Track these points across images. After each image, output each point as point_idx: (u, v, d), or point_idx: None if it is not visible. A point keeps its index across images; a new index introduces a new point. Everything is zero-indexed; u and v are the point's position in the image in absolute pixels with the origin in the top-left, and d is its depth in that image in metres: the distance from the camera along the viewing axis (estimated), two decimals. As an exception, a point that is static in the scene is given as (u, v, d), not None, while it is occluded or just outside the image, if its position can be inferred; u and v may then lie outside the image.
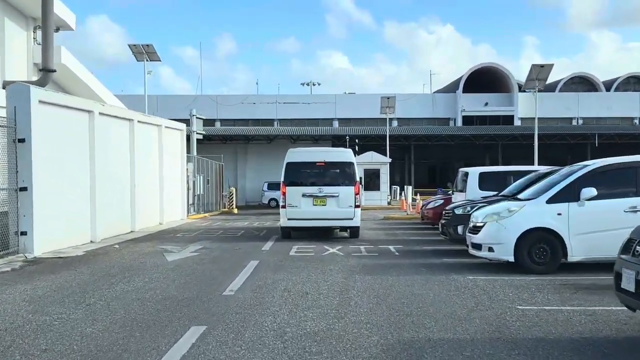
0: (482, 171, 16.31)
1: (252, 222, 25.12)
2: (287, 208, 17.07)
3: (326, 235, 18.83)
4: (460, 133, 47.18)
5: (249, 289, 9.62)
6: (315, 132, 46.62)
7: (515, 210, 11.01)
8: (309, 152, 18.77)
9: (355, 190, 16.92)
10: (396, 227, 22.28)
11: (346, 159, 17.41)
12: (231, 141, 47.70)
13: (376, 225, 23.33)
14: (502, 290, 9.40)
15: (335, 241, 17.20)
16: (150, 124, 22.54)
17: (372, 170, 35.09)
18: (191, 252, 14.86)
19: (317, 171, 17.42)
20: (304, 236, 18.35)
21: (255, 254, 14.30)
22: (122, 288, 9.80)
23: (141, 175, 21.20)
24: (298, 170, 17.30)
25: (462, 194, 16.74)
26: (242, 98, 60.41)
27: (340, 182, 17.09)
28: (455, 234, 13.61)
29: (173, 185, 25.46)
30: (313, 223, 17.23)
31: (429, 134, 47.04)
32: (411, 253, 14.36)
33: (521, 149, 51.53)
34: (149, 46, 36.49)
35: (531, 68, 27.31)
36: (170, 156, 24.80)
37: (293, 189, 17.04)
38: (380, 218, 27.54)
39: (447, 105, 61.45)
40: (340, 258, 13.50)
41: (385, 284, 9.97)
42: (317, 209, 16.91)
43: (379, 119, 55.58)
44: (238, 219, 27.81)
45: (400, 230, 20.91)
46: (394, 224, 24.27)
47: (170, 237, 18.71)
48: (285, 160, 17.42)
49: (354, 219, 17.00)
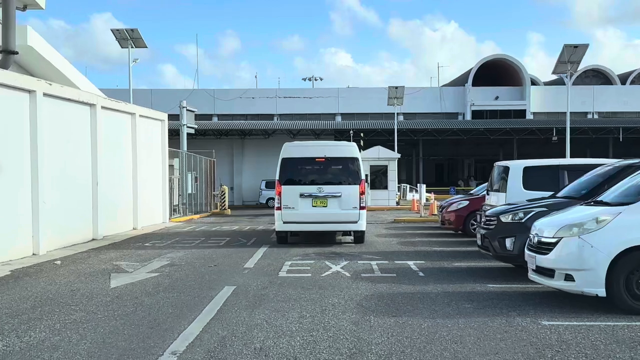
0: (527, 165, 12.59)
1: (242, 226, 21.48)
2: (283, 210, 14.99)
3: (327, 240, 16.37)
4: (473, 127, 43.48)
5: (205, 349, 5.98)
6: (316, 126, 42.96)
7: (607, 220, 7.34)
8: (308, 146, 16.39)
9: (360, 190, 14.92)
10: (411, 233, 18.60)
11: (350, 153, 15.30)
12: (226, 136, 44.05)
13: (387, 231, 19.65)
14: (609, 351, 5.75)
15: (339, 253, 13.57)
16: (119, 111, 18.87)
17: (379, 167, 31.37)
18: (150, 271, 11.20)
19: (317, 168, 15.35)
20: (301, 241, 16.26)
21: (234, 275, 10.65)
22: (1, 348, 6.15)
23: (107, 172, 17.57)
24: (295, 167, 15.25)
25: (498, 194, 13.04)
26: (241, 92, 56.82)
27: (343, 180, 15.12)
28: (502, 249, 9.92)
29: (151, 184, 21.82)
30: (312, 227, 15.17)
31: (439, 127, 43.30)
32: (440, 273, 10.70)
33: (537, 145, 47.92)
34: (134, 31, 32.79)
35: (563, 49, 23.59)
36: (147, 150, 21.16)
37: (289, 189, 14.96)
38: (390, 221, 23.87)
39: (456, 99, 57.76)
40: (346, 282, 9.84)
41: (419, 337, 6.31)
42: (317, 211, 14.93)
43: (384, 114, 51.90)
44: (228, 222, 24.17)
45: (417, 238, 17.23)
46: (408, 228, 20.59)
47: (137, 247, 15.07)
48: (281, 156, 15.26)
49: (359, 222, 14.97)
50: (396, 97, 34.30)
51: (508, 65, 58.52)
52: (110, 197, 17.72)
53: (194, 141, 39.38)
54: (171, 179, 24.29)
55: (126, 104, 19.87)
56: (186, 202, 28.36)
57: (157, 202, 22.52)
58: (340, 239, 16.76)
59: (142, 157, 20.42)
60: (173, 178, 25.28)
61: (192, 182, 29.01)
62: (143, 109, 21.06)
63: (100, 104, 17.27)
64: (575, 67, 23.88)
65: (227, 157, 43.90)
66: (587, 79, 63.11)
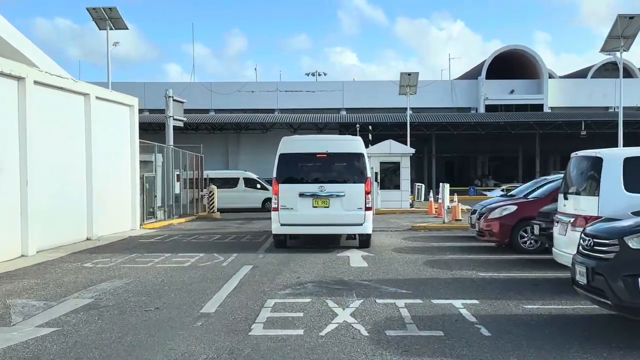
0: (630, 156, 8.26)
1: (226, 235, 17.21)
2: (281, 211, 13.59)
3: (330, 244, 13.87)
4: (493, 120, 39.15)
5: None
6: (319, 120, 38.73)
7: None
8: (309, 140, 15.25)
9: (365, 189, 13.64)
10: (439, 247, 14.29)
11: (355, 149, 14.06)
12: (220, 131, 39.83)
13: (407, 242, 15.34)
14: None
15: (347, 283, 9.26)
16: (65, 90, 14.58)
17: (390, 164, 26.98)
18: (46, 322, 6.94)
19: (319, 165, 14.12)
20: (299, 245, 14.42)
21: (175, 333, 6.38)
22: None
23: (46, 167, 13.31)
24: (294, 164, 14.02)
25: (583, 198, 8.67)
26: (239, 86, 52.59)
27: (347, 178, 13.85)
28: (634, 296, 5.60)
29: (116, 183, 17.55)
30: (313, 230, 13.79)
31: (455, 121, 38.96)
32: (515, 329, 6.42)
33: (559, 140, 43.58)
34: (112, 10, 28.53)
35: (616, 21, 19.18)
36: (108, 141, 16.88)
37: (288, 187, 13.61)
38: (406, 227, 19.53)
39: (468, 93, 53.44)
40: (364, 355, 5.53)
41: None
42: (318, 212, 13.58)
43: (392, 109, 47.60)
44: (212, 228, 19.88)
45: (449, 254, 12.91)
46: (432, 239, 16.26)
47: (64, 272, 10.80)
48: (279, 151, 13.93)
49: (364, 224, 13.64)
50: (409, 86, 29.85)
51: (524, 57, 54.18)
52: (49, 199, 13.46)
53: (185, 136, 35.16)
54: (144, 176, 19.98)
55: (76, 81, 15.53)
56: (173, 203, 24.17)
57: (124, 204, 18.25)
58: (345, 243, 14.50)
59: (100, 149, 16.15)
60: (150, 176, 20.99)
61: (180, 181, 24.75)
62: (102, 89, 16.77)
63: (34, 77, 12.98)
64: (630, 42, 19.48)
65: (221, 154, 39.73)
66: (607, 72, 58.65)
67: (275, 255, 12.92)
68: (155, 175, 22.50)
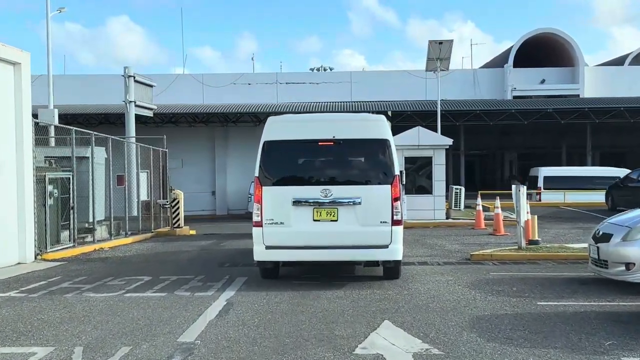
0: None
1: (165, 273, 9.90)
2: (266, 227, 8.75)
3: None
4: (540, 108, 31.55)
5: None
6: (324, 108, 31.32)
7: None
8: (307, 121, 10.02)
9: (393, 193, 8.72)
10: (567, 313, 6.83)
11: (377, 132, 9.08)
12: (205, 124, 32.37)
13: (487, 298, 7.93)
14: None
15: None
16: None
17: (419, 160, 19.43)
18: None
19: (322, 159, 9.34)
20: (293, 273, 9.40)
21: None
22: None
23: None
24: (286, 157, 9.15)
25: None
26: (234, 77, 45.22)
27: (365, 177, 9.07)
28: None
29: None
30: (314, 255, 8.75)
31: (491, 109, 31.40)
32: None
33: (612, 133, 36.10)
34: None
35: None
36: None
37: (276, 192, 8.83)
38: (461, 256, 12.03)
39: (493, 83, 45.71)
40: None
41: None
42: (322, 229, 8.73)
43: (407, 103, 40.31)
44: (156, 255, 12.50)
45: (611, 342, 5.43)
46: (528, 286, 8.73)
47: None
48: (263, 138, 9.13)
49: (392, 245, 8.66)
50: (439, 59, 22.24)
51: (556, 41, 46.49)
52: None
53: (160, 130, 27.70)
54: (46, 178, 12.49)
55: None
56: (126, 216, 16.92)
57: (2, 221, 10.82)
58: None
59: None
60: (63, 177, 13.56)
61: (123, 184, 17.38)
62: None
63: None
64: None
65: (206, 150, 32.33)
66: (644, 60, 50.97)
67: (241, 318, 6.03)
68: (92, 177, 15.08)
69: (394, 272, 9.22)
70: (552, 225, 18.02)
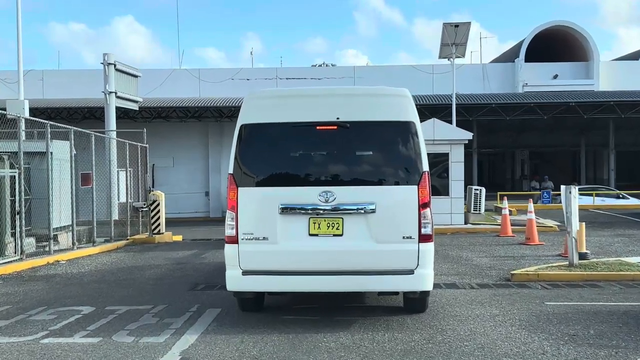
0: None
1: (118, 301, 7.50)
2: (243, 244, 6.29)
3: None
4: (561, 101, 29.09)
5: None
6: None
7: None
8: (299, 97, 6.95)
9: (420, 196, 6.24)
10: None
11: (397, 113, 6.52)
12: (198, 119, 29.96)
13: (565, 351, 5.31)
14: None
15: None
16: None
17: (435, 157, 16.93)
18: None
19: (321, 149, 6.66)
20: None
21: None
22: None
23: None
24: (271, 146, 6.60)
25: None
26: (233, 72, 42.74)
27: (380, 174, 6.53)
28: None
29: None
30: (309, 283, 6.26)
31: (509, 102, 28.90)
32: None
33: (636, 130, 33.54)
34: None
35: None
36: None
37: (258, 195, 6.44)
38: (496, 275, 9.52)
39: (504, 78, 43.15)
40: None
41: None
42: (321, 246, 6.25)
43: (415, 96, 37.96)
44: (119, 271, 10.05)
45: None
46: (614, 334, 6.27)
47: None
48: (240, 120, 6.60)
49: (419, 269, 6.17)
50: (455, 44, 19.66)
51: (569, 35, 43.92)
52: None
53: (149, 126, 25.24)
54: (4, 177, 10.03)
55: None
56: (94, 220, 14.50)
57: None
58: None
59: None
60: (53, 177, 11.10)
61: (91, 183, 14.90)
62: None
63: None
64: None
65: (199, 148, 29.92)
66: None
67: None
68: (50, 175, 12.58)
69: (420, 304, 6.80)
70: (588, 231, 15.49)
